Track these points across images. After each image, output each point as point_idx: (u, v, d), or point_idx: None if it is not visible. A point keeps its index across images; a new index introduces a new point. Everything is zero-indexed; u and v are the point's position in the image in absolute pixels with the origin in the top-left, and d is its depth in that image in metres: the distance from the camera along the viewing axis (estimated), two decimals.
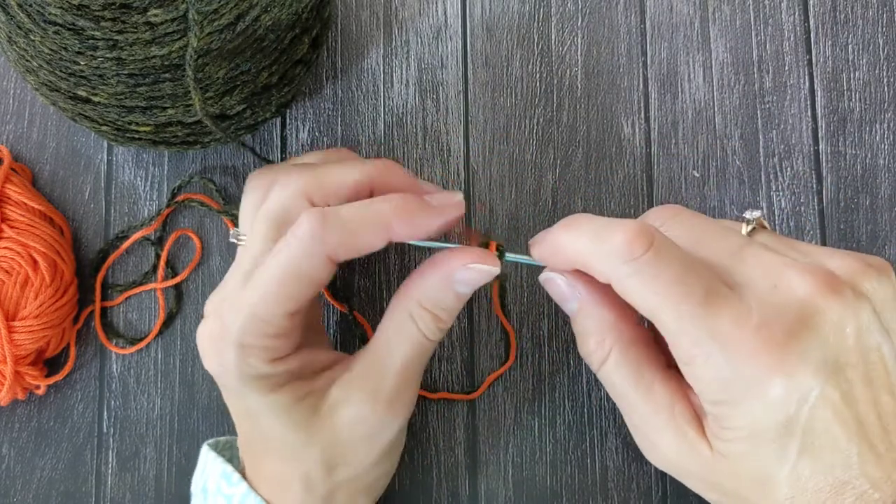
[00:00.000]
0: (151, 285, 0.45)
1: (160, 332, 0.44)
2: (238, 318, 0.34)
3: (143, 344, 0.44)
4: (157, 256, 0.45)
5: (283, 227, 0.34)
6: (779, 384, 0.30)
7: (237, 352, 0.34)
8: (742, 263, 0.33)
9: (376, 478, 0.38)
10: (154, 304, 0.45)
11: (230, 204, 0.45)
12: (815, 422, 0.31)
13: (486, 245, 0.36)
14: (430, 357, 0.37)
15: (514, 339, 0.44)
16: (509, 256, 0.36)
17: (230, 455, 0.41)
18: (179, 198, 0.45)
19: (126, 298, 0.45)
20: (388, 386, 0.36)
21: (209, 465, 0.39)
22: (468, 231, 0.41)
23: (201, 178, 0.45)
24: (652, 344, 0.36)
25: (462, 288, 0.36)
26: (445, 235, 0.39)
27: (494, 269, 0.35)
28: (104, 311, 0.45)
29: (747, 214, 0.36)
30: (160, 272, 0.45)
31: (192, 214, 0.46)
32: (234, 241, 0.37)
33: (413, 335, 0.36)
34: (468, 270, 0.35)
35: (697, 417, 0.34)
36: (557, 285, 0.36)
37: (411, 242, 0.36)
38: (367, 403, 0.35)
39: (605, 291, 0.34)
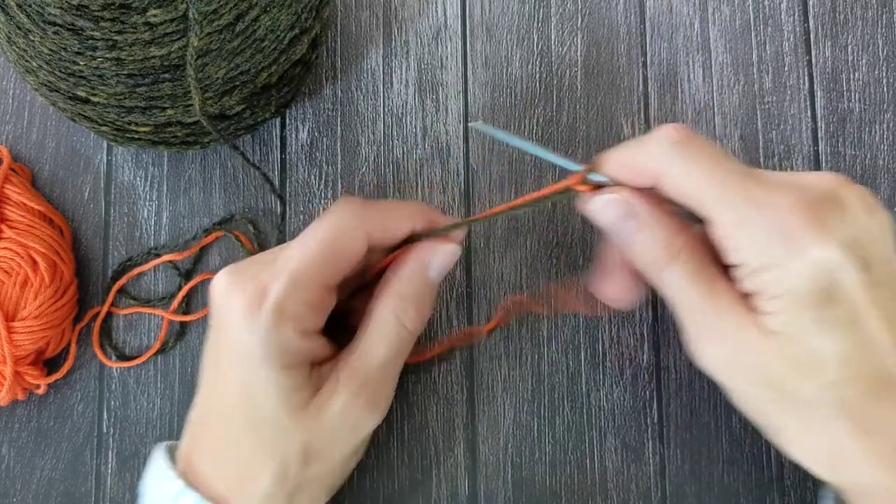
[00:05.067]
0: (161, 312, 0.44)
1: (154, 354, 0.44)
2: (279, 282, 0.35)
3: (134, 362, 0.44)
4: (179, 287, 0.45)
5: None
6: (818, 245, 0.32)
7: (274, 318, 0.35)
8: (762, 172, 0.35)
9: (340, 476, 0.40)
10: (157, 328, 0.44)
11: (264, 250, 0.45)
12: (850, 296, 0.32)
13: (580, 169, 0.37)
14: (409, 350, 0.39)
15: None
16: (594, 176, 0.37)
17: None
18: (217, 234, 0.45)
19: (134, 313, 0.45)
20: (372, 382, 0.37)
21: (151, 464, 0.39)
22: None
23: (243, 218, 0.45)
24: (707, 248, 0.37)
25: (434, 274, 0.39)
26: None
27: (457, 250, 0.39)
28: (107, 317, 0.44)
29: None
30: (174, 303, 0.44)
31: (226, 248, 0.45)
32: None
33: (395, 330, 0.38)
34: (437, 255, 0.38)
35: (751, 308, 0.34)
36: (618, 204, 0.36)
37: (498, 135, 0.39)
38: (352, 398, 0.36)
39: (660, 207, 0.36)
